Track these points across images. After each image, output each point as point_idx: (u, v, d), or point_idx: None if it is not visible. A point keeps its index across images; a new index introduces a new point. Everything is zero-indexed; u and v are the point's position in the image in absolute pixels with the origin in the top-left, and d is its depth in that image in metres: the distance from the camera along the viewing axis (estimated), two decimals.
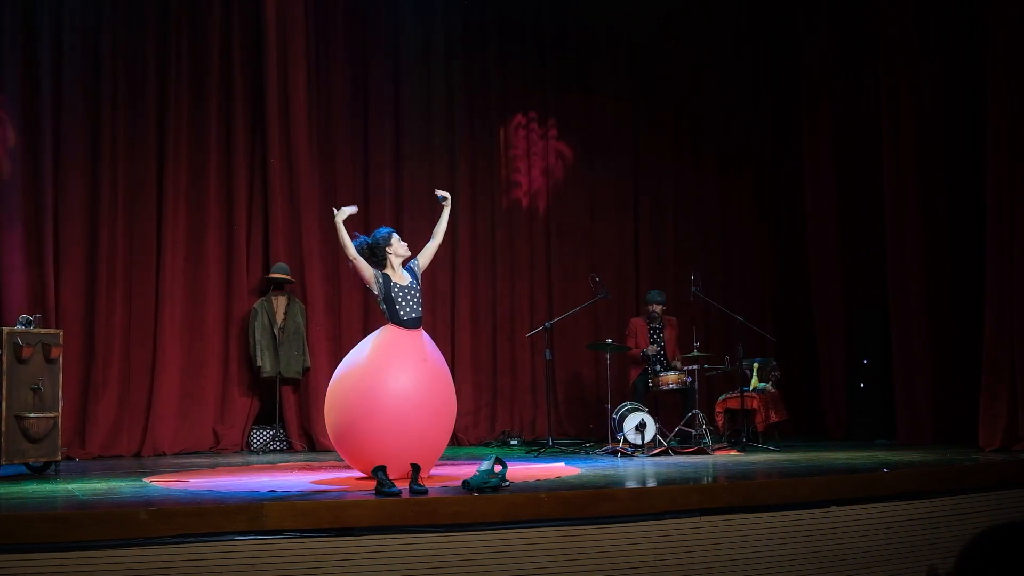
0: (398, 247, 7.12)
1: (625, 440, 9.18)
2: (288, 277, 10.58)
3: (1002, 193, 8.79)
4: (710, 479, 7.01)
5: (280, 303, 10.62)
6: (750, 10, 12.60)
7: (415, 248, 7.28)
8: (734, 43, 12.68)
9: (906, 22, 10.07)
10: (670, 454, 9.04)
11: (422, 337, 7.07)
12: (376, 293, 7.02)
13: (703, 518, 5.88)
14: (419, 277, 7.15)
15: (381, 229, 7.20)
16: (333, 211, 7.24)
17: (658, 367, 10.25)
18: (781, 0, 12.37)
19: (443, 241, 7.42)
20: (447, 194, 7.36)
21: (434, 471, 7.32)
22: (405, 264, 7.15)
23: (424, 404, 6.79)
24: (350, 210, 7.23)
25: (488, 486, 5.90)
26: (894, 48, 10.15)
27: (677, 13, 12.42)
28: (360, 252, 7.09)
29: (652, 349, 10.42)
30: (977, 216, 9.28)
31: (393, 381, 6.73)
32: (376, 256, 7.10)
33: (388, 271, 7.06)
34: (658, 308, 10.62)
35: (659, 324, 10.64)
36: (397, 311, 6.96)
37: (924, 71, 9.97)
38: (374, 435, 6.63)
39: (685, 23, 12.55)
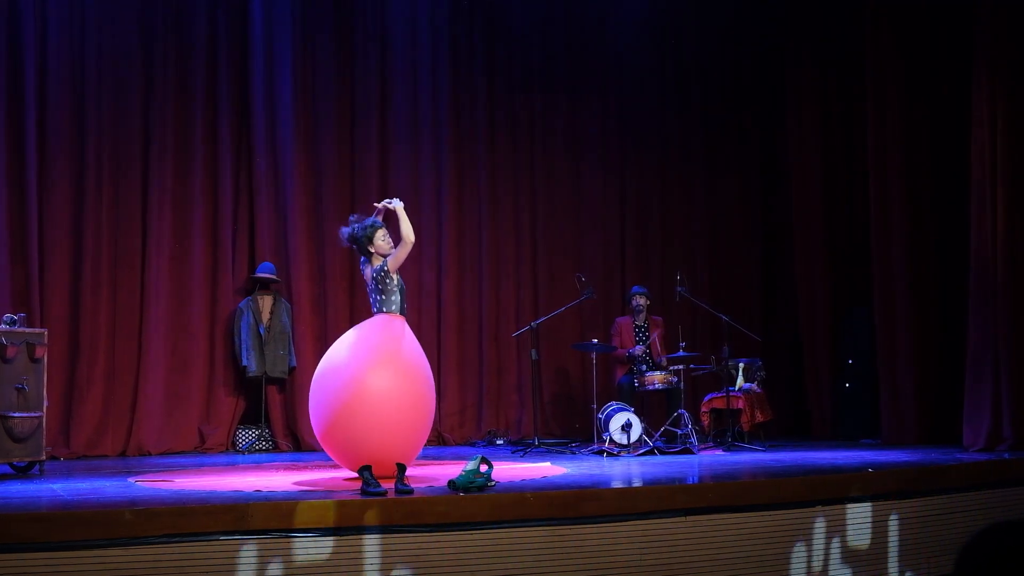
0: (381, 244, 7.12)
1: (611, 440, 9.19)
2: (274, 276, 10.56)
3: (984, 195, 8.84)
4: (696, 479, 7.03)
5: (266, 302, 10.60)
6: (736, 14, 12.61)
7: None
8: (720, 46, 12.69)
9: (892, 25, 10.11)
10: (656, 454, 9.06)
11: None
12: (387, 275, 7.03)
13: (689, 518, 5.89)
14: (375, 278, 7.10)
15: (369, 220, 7.20)
16: (384, 205, 7.30)
17: (644, 367, 10.27)
18: (767, 5, 12.41)
19: (421, 241, 7.36)
20: (392, 202, 7.31)
21: (420, 471, 7.33)
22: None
23: (403, 396, 6.80)
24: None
25: (474, 486, 5.90)
26: (880, 50, 10.19)
27: (664, 18, 12.46)
28: (347, 237, 7.14)
29: (639, 349, 10.43)
30: (962, 217, 9.32)
31: (373, 376, 6.75)
32: (360, 247, 7.14)
33: (369, 265, 7.10)
34: (642, 300, 10.64)
35: (644, 323, 10.66)
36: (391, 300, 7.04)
37: (910, 70, 10.00)
38: (354, 425, 6.64)
39: (672, 28, 12.57)
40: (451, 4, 11.73)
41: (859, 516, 6.34)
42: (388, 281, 7.05)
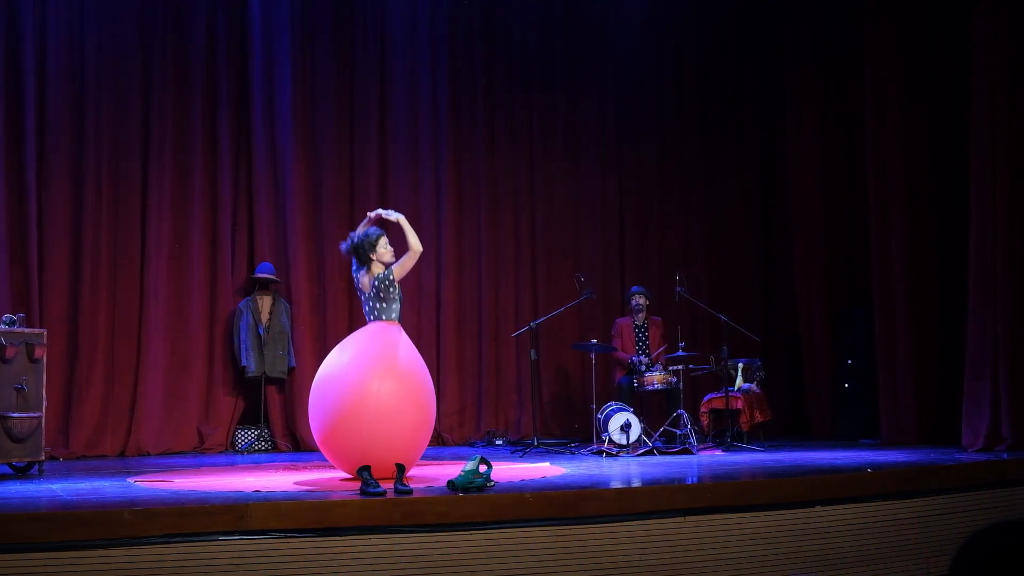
0: (383, 252, 7.10)
1: (610, 440, 9.18)
2: (273, 277, 10.56)
3: (984, 195, 8.84)
4: (695, 479, 7.03)
5: (265, 303, 10.60)
6: (736, 14, 12.61)
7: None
8: (720, 46, 12.69)
9: (892, 25, 10.10)
10: (655, 454, 9.06)
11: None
12: (392, 283, 7.02)
13: (688, 518, 5.89)
14: (377, 287, 7.07)
15: (371, 229, 7.18)
16: (378, 214, 7.35)
17: (643, 367, 10.27)
18: (767, 5, 12.42)
19: (421, 241, 7.34)
20: (391, 214, 7.35)
21: (419, 471, 7.32)
22: (384, 270, 7.11)
23: (404, 404, 6.79)
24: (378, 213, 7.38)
25: (473, 486, 5.90)
26: (880, 50, 10.18)
27: (664, 18, 12.47)
28: (347, 249, 7.12)
29: (643, 359, 10.40)
30: (962, 217, 9.32)
31: (373, 384, 6.73)
32: (359, 255, 7.09)
33: (367, 274, 7.06)
34: (642, 300, 10.65)
35: (644, 323, 10.67)
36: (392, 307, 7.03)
37: (910, 70, 10.00)
38: (356, 435, 6.62)
39: (671, 29, 12.57)
40: (451, 4, 11.73)
41: (858, 516, 6.34)
42: (392, 289, 7.04)
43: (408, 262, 7.13)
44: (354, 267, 7.17)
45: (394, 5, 11.49)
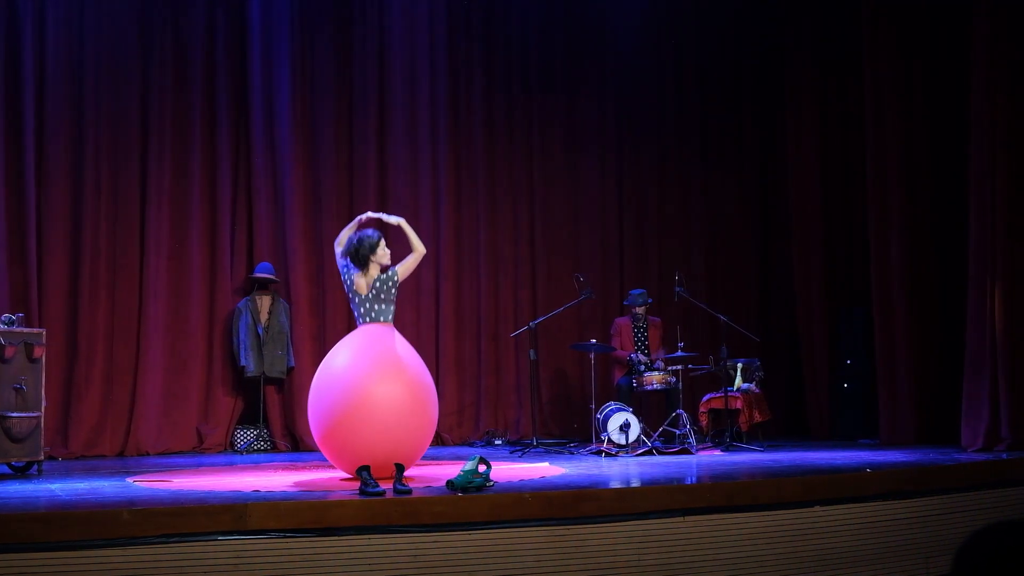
0: (382, 255, 7.07)
1: (609, 440, 9.18)
2: (272, 277, 10.55)
3: (984, 195, 8.83)
4: (694, 479, 7.03)
5: (264, 302, 10.60)
6: (736, 14, 12.61)
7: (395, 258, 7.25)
8: (720, 46, 12.69)
9: (891, 25, 10.10)
10: (654, 454, 9.06)
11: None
12: (395, 285, 7.04)
13: (687, 518, 5.89)
14: (378, 288, 7.05)
15: (370, 231, 7.14)
16: (388, 219, 7.41)
17: (642, 367, 10.27)
18: (767, 5, 12.42)
19: (424, 244, 7.36)
20: (391, 217, 7.38)
21: (418, 471, 7.32)
22: (383, 272, 7.09)
23: (408, 407, 6.77)
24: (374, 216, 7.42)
25: (472, 486, 5.90)
26: (879, 50, 10.18)
27: (664, 17, 12.47)
28: (346, 250, 7.07)
29: (641, 357, 10.41)
30: (961, 216, 9.32)
31: (377, 387, 6.71)
32: (357, 258, 7.04)
33: (362, 276, 7.02)
34: (641, 311, 10.65)
35: (643, 324, 10.67)
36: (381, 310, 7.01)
37: (910, 70, 10.00)
38: (356, 434, 6.60)
39: (671, 29, 12.57)
40: (450, 4, 11.73)
41: (857, 517, 6.33)
42: (394, 291, 7.02)
43: (413, 263, 7.18)
44: (344, 269, 7.08)
45: (393, 5, 11.48)
